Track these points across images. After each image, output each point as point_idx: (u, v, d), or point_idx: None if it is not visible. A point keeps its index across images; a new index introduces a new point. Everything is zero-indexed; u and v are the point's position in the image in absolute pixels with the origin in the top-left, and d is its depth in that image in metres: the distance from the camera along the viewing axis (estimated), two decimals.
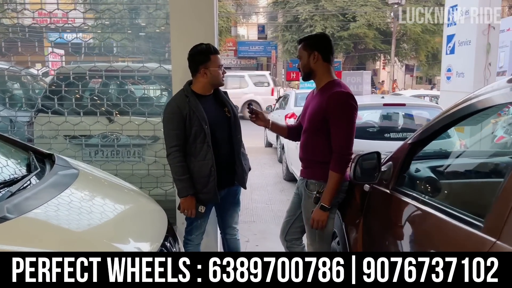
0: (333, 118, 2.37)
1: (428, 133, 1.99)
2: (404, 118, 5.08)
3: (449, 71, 8.05)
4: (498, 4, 7.20)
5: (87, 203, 2.15)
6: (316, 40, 2.53)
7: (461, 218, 1.58)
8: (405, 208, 2.01)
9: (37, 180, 2.21)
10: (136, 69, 3.59)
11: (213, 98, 2.82)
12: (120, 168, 3.62)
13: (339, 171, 2.38)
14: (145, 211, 2.42)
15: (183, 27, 3.15)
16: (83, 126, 3.62)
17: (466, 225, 1.53)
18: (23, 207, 1.76)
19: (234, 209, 3.01)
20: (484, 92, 1.71)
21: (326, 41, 2.55)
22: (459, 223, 1.57)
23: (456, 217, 1.61)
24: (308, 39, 2.56)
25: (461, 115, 1.79)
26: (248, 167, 2.97)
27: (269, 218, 5.42)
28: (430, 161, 2.46)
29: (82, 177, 2.44)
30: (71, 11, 3.84)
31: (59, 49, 7.83)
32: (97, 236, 1.86)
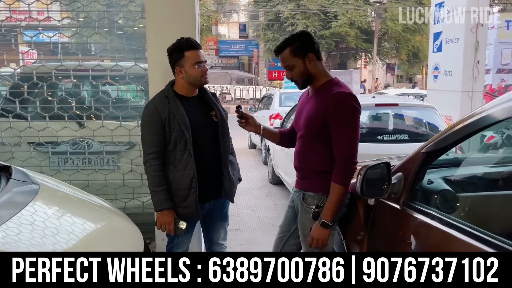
0: (335, 122, 2.05)
1: (447, 141, 1.71)
2: (397, 119, 4.84)
3: (436, 69, 7.89)
4: (486, 3, 7.07)
5: (50, 226, 1.80)
6: (304, 40, 2.17)
7: (491, 243, 1.35)
8: (421, 227, 1.74)
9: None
10: (109, 68, 3.23)
11: (198, 100, 2.48)
12: (93, 178, 3.27)
13: (343, 183, 2.07)
14: (117, 232, 2.10)
15: (160, 22, 2.82)
16: (50, 132, 3.24)
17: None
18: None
19: (221, 224, 2.67)
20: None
21: (311, 37, 2.22)
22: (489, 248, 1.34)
23: (486, 241, 1.36)
24: (294, 42, 2.17)
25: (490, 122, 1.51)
26: (237, 177, 2.63)
27: (256, 226, 5.12)
28: (441, 169, 2.18)
29: (43, 194, 2.09)
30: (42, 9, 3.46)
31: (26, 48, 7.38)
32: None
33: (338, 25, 23.27)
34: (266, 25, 25.97)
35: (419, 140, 4.54)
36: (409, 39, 24.65)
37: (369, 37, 24.98)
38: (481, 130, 1.59)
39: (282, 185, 6.33)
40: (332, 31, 23.70)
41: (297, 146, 2.34)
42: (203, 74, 2.38)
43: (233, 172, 2.58)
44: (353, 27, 23.66)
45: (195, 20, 2.85)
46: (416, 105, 5.10)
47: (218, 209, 2.61)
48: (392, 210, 1.95)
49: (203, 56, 2.39)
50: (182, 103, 2.38)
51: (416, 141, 4.48)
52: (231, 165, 2.58)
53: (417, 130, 4.74)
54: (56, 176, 3.01)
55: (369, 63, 28.99)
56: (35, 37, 3.46)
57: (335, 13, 23.45)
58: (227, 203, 2.64)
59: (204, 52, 2.41)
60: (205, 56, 2.41)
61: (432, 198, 1.93)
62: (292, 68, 2.18)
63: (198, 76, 2.37)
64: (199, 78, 2.38)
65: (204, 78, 2.39)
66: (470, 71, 7.01)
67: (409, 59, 27.29)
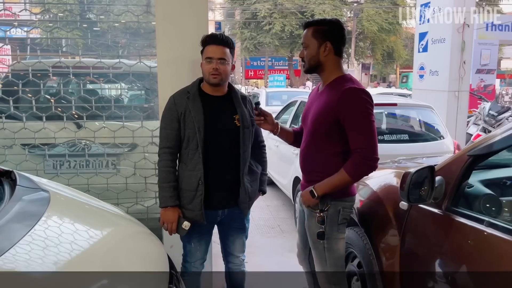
0: (350, 118, 1.96)
1: (497, 146, 1.65)
2: (396, 119, 4.82)
3: (422, 69, 7.97)
4: (473, 4, 7.18)
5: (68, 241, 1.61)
6: (330, 27, 2.08)
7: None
8: (468, 233, 1.66)
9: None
10: (111, 65, 3.03)
11: (225, 101, 2.34)
12: (92, 182, 3.06)
13: (352, 173, 1.97)
14: (141, 245, 1.93)
15: (171, 17, 2.66)
16: (46, 133, 3.01)
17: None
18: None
19: (238, 235, 2.51)
20: None
21: (341, 30, 2.12)
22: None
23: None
24: (319, 24, 2.10)
25: None
26: (256, 189, 2.46)
27: (251, 229, 4.96)
28: (481, 172, 2.13)
29: (55, 202, 1.90)
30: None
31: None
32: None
33: None
34: (243, 23, 25.81)
35: (418, 140, 4.54)
36: (384, 39, 25.06)
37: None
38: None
39: (273, 185, 6.23)
40: None
41: (303, 145, 2.23)
42: (211, 72, 2.21)
43: (252, 184, 2.41)
44: None
45: (207, 16, 2.70)
46: (415, 105, 5.10)
47: (235, 219, 2.46)
48: (433, 215, 1.88)
49: (216, 53, 2.22)
50: (204, 101, 2.25)
51: (415, 141, 4.48)
52: (252, 175, 2.42)
53: (416, 130, 4.73)
54: (53, 180, 2.80)
55: (345, 62, 29.29)
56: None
57: (312, 12, 23.54)
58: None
59: (226, 50, 2.24)
60: (226, 54, 2.25)
61: (476, 203, 1.87)
62: (307, 47, 2.11)
63: (206, 72, 2.24)
64: (207, 75, 2.24)
65: (211, 76, 2.22)
66: (457, 71, 7.11)
67: (383, 59, 27.75)
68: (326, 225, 2.10)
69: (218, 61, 2.21)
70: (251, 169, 2.42)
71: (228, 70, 2.27)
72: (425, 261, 1.93)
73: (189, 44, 2.60)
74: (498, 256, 1.53)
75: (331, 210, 2.10)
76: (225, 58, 2.23)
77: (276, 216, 5.47)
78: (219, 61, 2.21)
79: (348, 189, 2.13)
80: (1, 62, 5.62)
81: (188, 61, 2.63)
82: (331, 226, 2.11)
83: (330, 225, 2.11)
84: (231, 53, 2.29)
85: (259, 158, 2.53)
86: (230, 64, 2.29)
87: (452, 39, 7.10)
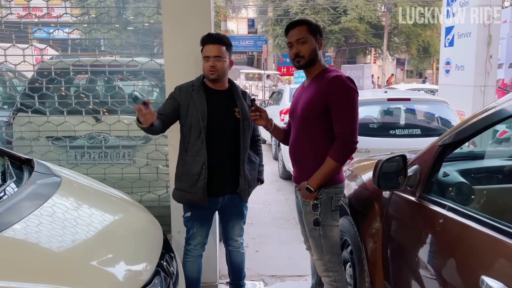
0: (335, 102, 2.14)
1: (464, 134, 1.73)
2: (410, 114, 4.83)
3: (448, 64, 7.84)
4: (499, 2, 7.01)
5: (71, 218, 1.85)
6: (316, 26, 2.32)
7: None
8: (437, 219, 1.75)
9: (14, 190, 1.93)
10: (125, 63, 3.27)
11: (226, 95, 2.55)
12: (109, 171, 3.32)
13: (337, 158, 2.16)
14: (137, 224, 2.14)
15: (176, 17, 2.85)
16: (67, 126, 3.30)
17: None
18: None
19: (237, 221, 2.72)
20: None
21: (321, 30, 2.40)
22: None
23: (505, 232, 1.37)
24: (312, 24, 2.31)
25: (508, 115, 1.52)
26: (255, 178, 2.67)
27: (267, 220, 5.17)
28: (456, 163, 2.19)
29: (65, 185, 2.14)
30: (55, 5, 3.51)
31: (42, 45, 7.45)
32: (82, 260, 1.57)
33: (348, 20, 23.11)
34: (275, 20, 25.86)
35: (432, 135, 4.54)
36: (419, 33, 24.41)
37: (379, 32, 24.80)
38: (498, 123, 1.60)
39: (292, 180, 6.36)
40: (341, 26, 23.55)
41: (292, 138, 2.39)
42: (209, 69, 2.42)
43: (251, 172, 2.61)
44: (362, 22, 23.49)
45: (211, 15, 2.88)
46: (429, 99, 5.08)
47: (234, 206, 2.66)
48: (408, 202, 1.97)
49: (212, 51, 2.41)
50: (207, 94, 2.46)
51: (429, 136, 4.48)
52: (251, 164, 2.63)
53: (429, 125, 4.73)
54: (74, 169, 3.06)
55: (379, 58, 28.80)
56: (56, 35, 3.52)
57: (345, 7, 23.31)
58: (244, 201, 2.67)
59: (221, 48, 2.43)
60: (222, 52, 2.43)
61: (448, 191, 1.95)
62: (304, 42, 2.25)
63: (205, 70, 2.45)
64: (206, 71, 2.45)
65: (210, 73, 2.43)
66: (483, 65, 6.97)
67: (419, 54, 27.04)
68: (321, 212, 2.25)
69: (214, 58, 2.42)
70: (250, 159, 2.62)
71: (224, 66, 2.47)
72: (401, 245, 2.03)
73: (193, 42, 2.78)
74: (458, 239, 1.62)
75: (324, 197, 2.25)
76: (220, 56, 2.43)
77: (293, 210, 5.52)
78: (215, 58, 2.42)
79: (337, 176, 2.29)
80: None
81: (193, 58, 2.82)
82: (325, 213, 2.27)
83: (324, 212, 2.26)
84: (228, 50, 2.49)
85: (255, 151, 2.73)
86: (227, 61, 2.47)
87: (478, 33, 6.96)
